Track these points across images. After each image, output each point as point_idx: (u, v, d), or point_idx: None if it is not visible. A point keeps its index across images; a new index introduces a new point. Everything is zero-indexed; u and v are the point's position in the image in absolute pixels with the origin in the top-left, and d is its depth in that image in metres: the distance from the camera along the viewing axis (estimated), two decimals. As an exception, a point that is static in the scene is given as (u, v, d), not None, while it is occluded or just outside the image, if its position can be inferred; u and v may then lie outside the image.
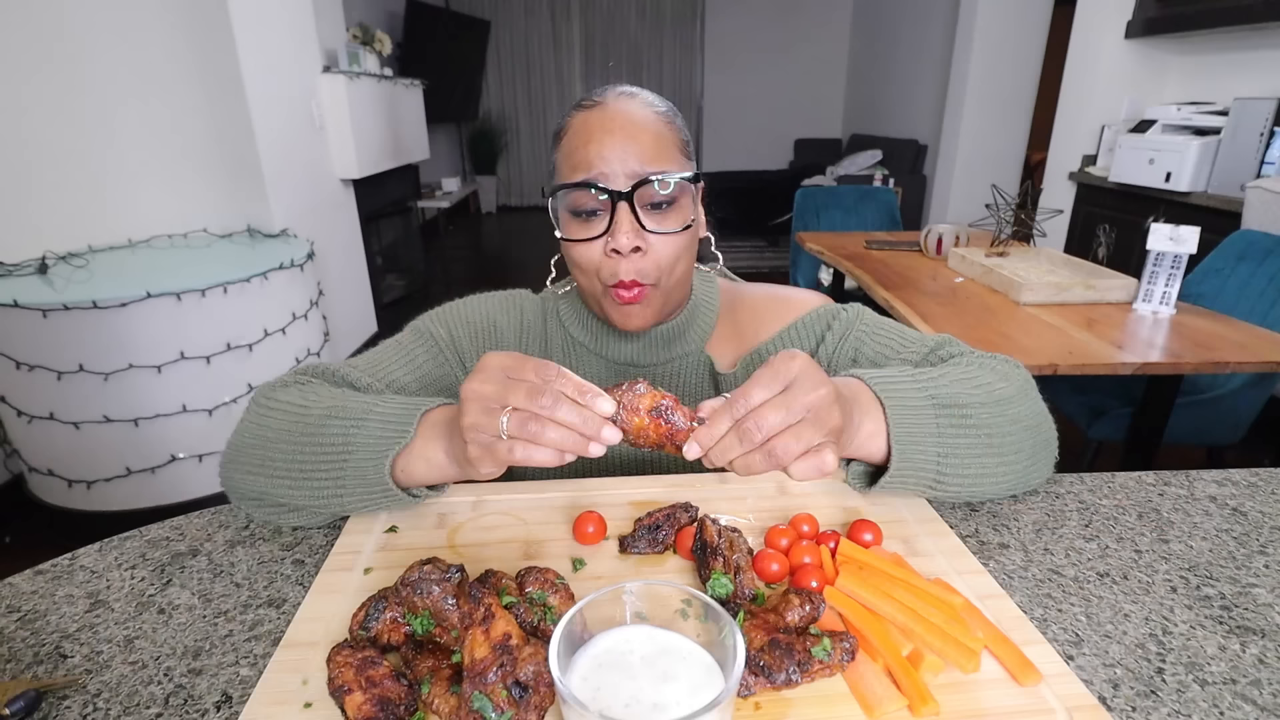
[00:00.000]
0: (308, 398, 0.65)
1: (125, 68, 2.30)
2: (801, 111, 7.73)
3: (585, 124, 0.70)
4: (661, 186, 0.68)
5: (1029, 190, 2.25)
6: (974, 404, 0.62)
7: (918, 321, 1.63)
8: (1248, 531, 0.66)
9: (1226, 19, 2.64)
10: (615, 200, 0.67)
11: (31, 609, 0.57)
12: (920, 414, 0.60)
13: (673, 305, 0.77)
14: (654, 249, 0.69)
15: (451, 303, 0.84)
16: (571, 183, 0.68)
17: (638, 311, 0.71)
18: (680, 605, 0.43)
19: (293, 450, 0.61)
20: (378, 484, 0.58)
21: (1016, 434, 0.64)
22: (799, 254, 3.24)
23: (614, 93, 0.72)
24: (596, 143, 0.68)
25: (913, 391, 0.61)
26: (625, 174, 0.67)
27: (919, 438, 0.59)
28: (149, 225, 2.47)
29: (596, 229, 0.69)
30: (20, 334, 1.79)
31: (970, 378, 0.65)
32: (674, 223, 0.70)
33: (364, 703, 0.42)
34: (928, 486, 0.62)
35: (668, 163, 0.69)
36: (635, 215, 0.67)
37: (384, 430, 0.59)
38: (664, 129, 0.71)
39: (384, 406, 0.61)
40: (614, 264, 0.69)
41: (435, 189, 6.25)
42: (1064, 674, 0.46)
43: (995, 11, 4.41)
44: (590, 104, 0.71)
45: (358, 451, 0.59)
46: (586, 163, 0.68)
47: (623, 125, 0.68)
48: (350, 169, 3.19)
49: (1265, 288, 1.73)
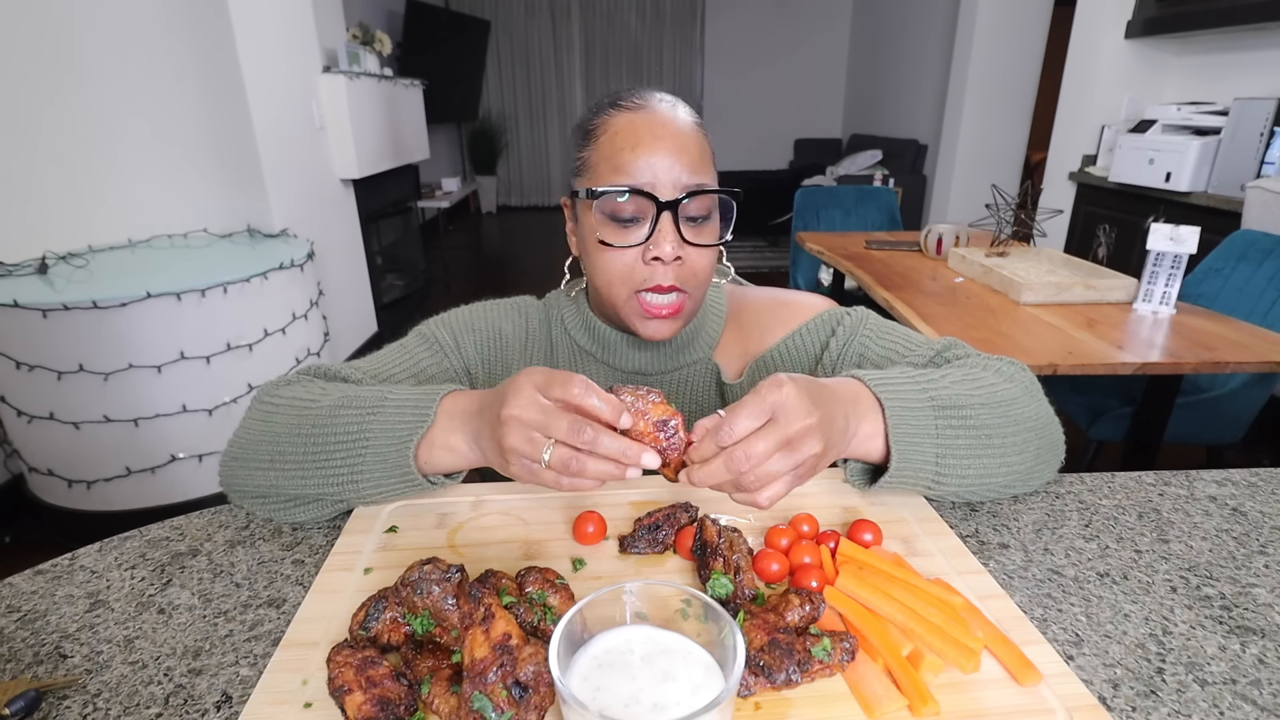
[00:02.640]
0: (313, 393, 0.66)
1: (125, 68, 2.29)
2: (801, 111, 7.73)
3: (631, 127, 0.68)
4: (702, 199, 0.68)
5: (1029, 190, 2.25)
6: (974, 405, 0.63)
7: (918, 321, 1.63)
8: (1248, 531, 0.66)
9: (1226, 19, 2.64)
10: (661, 209, 0.67)
11: (31, 609, 0.57)
12: (919, 415, 0.60)
13: (690, 319, 0.77)
14: (690, 260, 0.69)
15: (457, 309, 0.84)
16: (621, 188, 0.67)
17: (666, 326, 0.71)
18: (680, 605, 0.43)
19: (303, 442, 0.62)
20: (398, 470, 0.59)
21: (1019, 435, 0.64)
22: (799, 254, 3.24)
23: (655, 98, 0.71)
24: (647, 149, 0.67)
25: (913, 392, 0.61)
26: (672, 184, 0.67)
27: (917, 438, 0.60)
28: (149, 225, 2.47)
29: (635, 236, 0.68)
30: (20, 334, 1.79)
31: (972, 379, 0.66)
32: (710, 236, 0.70)
33: (364, 703, 0.42)
34: (926, 485, 0.62)
35: (708, 176, 0.70)
36: (678, 227, 0.67)
37: (401, 417, 0.59)
38: (703, 141, 0.71)
39: (398, 394, 0.61)
40: (650, 270, 0.68)
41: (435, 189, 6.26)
42: (1064, 674, 0.46)
43: (995, 11, 4.41)
44: (633, 105, 0.70)
45: (376, 439, 0.59)
46: (635, 169, 0.67)
47: (673, 135, 0.68)
48: (350, 169, 3.18)
49: (1265, 288, 1.73)
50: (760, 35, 7.53)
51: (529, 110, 7.91)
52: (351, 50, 3.29)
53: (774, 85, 7.68)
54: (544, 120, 7.95)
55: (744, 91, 7.73)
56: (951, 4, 4.90)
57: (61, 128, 2.19)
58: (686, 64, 7.72)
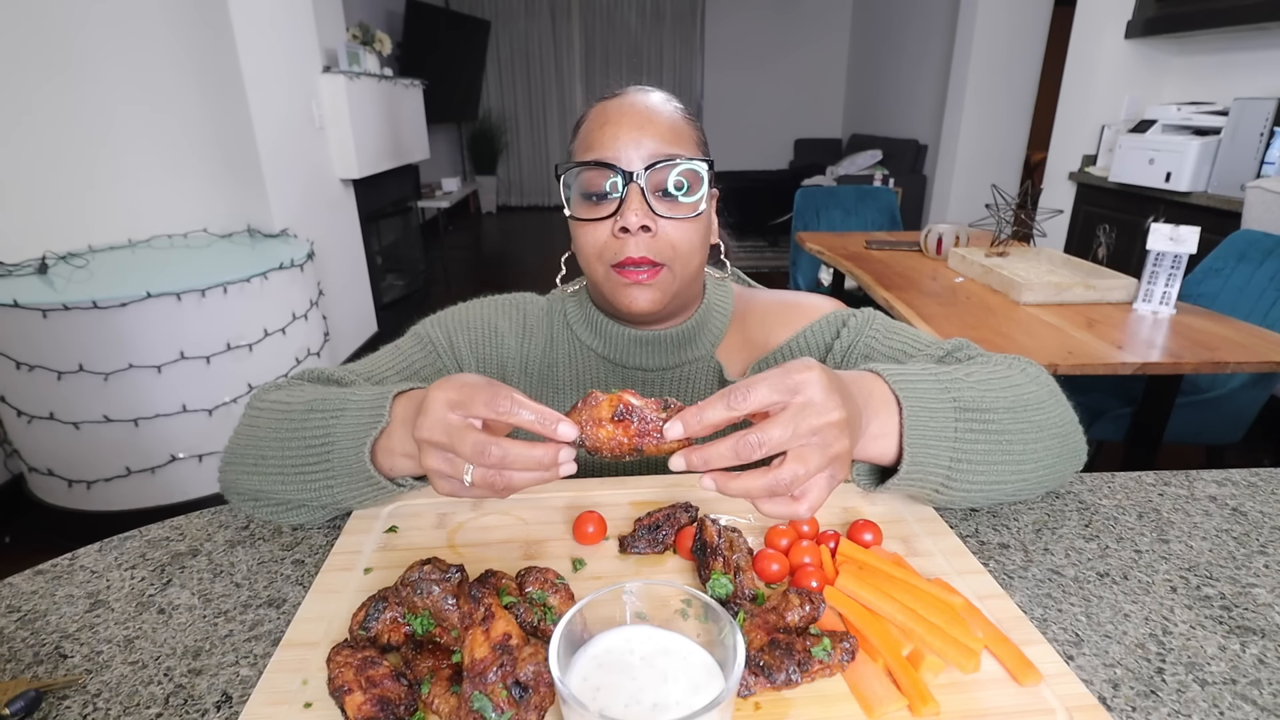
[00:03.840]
0: (293, 395, 0.65)
1: (125, 68, 2.30)
2: (801, 111, 7.73)
3: (603, 110, 0.71)
4: (674, 170, 0.68)
5: (1029, 190, 2.25)
6: (999, 409, 0.60)
7: (918, 322, 1.63)
8: (1248, 531, 0.66)
9: (1226, 19, 2.64)
10: (626, 181, 0.67)
11: (31, 609, 0.57)
12: (938, 416, 0.57)
13: (683, 300, 0.76)
14: (664, 231, 0.69)
15: (453, 307, 0.84)
16: (583, 161, 0.69)
17: (645, 293, 0.70)
18: (680, 605, 0.43)
19: (280, 446, 0.62)
20: (361, 473, 0.58)
21: (1041, 442, 0.62)
22: (799, 254, 3.23)
23: (634, 87, 0.74)
24: (613, 124, 0.69)
25: (935, 391, 0.58)
26: (639, 156, 0.68)
27: (932, 440, 0.57)
28: (149, 225, 2.47)
29: (606, 211, 0.69)
30: (20, 334, 1.79)
31: (999, 377, 0.63)
32: (686, 210, 0.70)
33: (364, 703, 0.42)
34: (934, 490, 0.59)
35: (682, 150, 0.70)
36: (645, 198, 0.67)
37: (359, 418, 0.58)
38: (680, 121, 0.71)
39: (359, 395, 0.60)
40: (621, 243, 0.68)
41: (435, 189, 6.26)
42: (1064, 674, 0.46)
43: (995, 11, 4.41)
44: (610, 95, 0.73)
45: (339, 442, 0.59)
46: (600, 144, 0.68)
47: (641, 110, 0.70)
48: (350, 169, 3.19)
49: (1265, 288, 1.73)
50: (760, 35, 7.54)
51: (529, 110, 7.91)
52: (351, 50, 3.29)
53: (774, 85, 7.68)
54: (544, 120, 7.96)
55: (744, 91, 7.74)
56: (951, 4, 4.90)
57: (61, 128, 2.19)
58: (686, 64, 7.72)
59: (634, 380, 0.81)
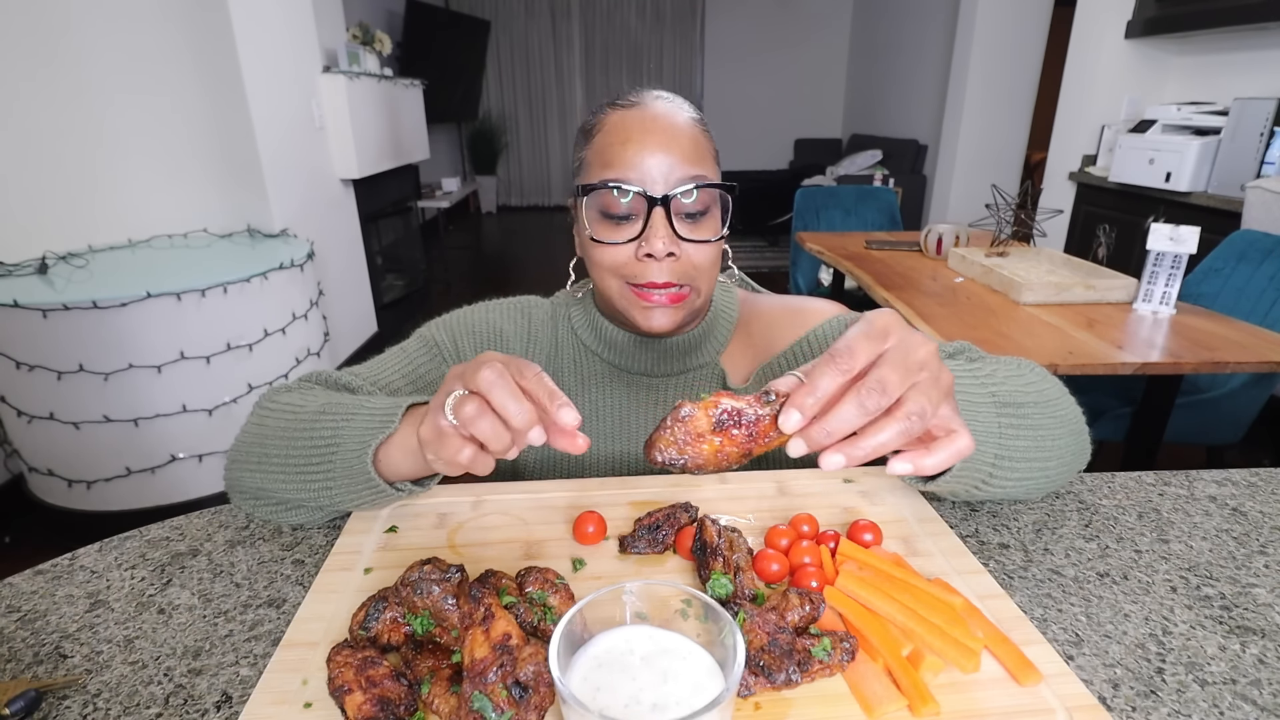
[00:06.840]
0: (305, 399, 0.66)
1: (125, 67, 2.29)
2: (801, 111, 7.73)
3: (622, 123, 0.68)
4: (699, 195, 0.66)
5: (1029, 190, 2.25)
6: (1030, 404, 0.60)
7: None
8: (1248, 531, 0.66)
9: (1226, 19, 2.64)
10: (652, 205, 0.66)
11: (31, 609, 0.57)
12: (983, 411, 0.56)
13: (696, 315, 0.76)
14: (687, 255, 0.68)
15: (459, 310, 0.84)
16: (607, 183, 0.66)
17: (665, 315, 0.69)
18: (680, 605, 0.43)
19: (286, 446, 0.62)
20: (361, 475, 0.58)
21: (1064, 437, 0.63)
22: (799, 254, 3.24)
23: (651, 95, 0.71)
24: (636, 144, 0.66)
25: (974, 387, 0.57)
26: (664, 179, 0.66)
27: (980, 436, 0.55)
28: (149, 225, 2.47)
29: (628, 232, 0.67)
30: (20, 334, 1.79)
31: (1019, 376, 0.63)
32: (708, 231, 0.69)
33: (364, 703, 0.42)
34: (975, 486, 0.58)
35: (704, 171, 0.68)
36: (670, 223, 0.66)
37: (370, 424, 0.58)
38: (700, 136, 0.69)
39: (373, 402, 0.61)
40: (644, 266, 0.67)
41: (435, 189, 6.26)
42: (1064, 674, 0.46)
43: (995, 11, 4.41)
44: (626, 103, 0.70)
45: (345, 445, 0.59)
46: (624, 163, 0.66)
47: (664, 128, 0.67)
48: (350, 169, 3.19)
49: (1265, 288, 1.73)
50: (760, 35, 7.54)
51: (529, 110, 7.91)
52: (351, 50, 3.29)
53: (774, 85, 7.68)
54: (544, 120, 7.96)
55: (744, 91, 7.73)
56: (951, 4, 4.90)
57: (61, 128, 2.19)
58: (686, 64, 7.72)
59: (638, 385, 0.81)
